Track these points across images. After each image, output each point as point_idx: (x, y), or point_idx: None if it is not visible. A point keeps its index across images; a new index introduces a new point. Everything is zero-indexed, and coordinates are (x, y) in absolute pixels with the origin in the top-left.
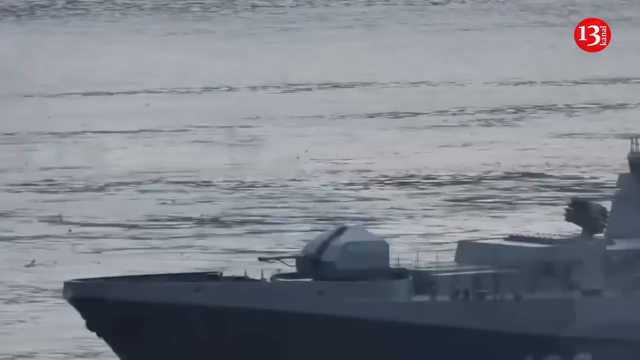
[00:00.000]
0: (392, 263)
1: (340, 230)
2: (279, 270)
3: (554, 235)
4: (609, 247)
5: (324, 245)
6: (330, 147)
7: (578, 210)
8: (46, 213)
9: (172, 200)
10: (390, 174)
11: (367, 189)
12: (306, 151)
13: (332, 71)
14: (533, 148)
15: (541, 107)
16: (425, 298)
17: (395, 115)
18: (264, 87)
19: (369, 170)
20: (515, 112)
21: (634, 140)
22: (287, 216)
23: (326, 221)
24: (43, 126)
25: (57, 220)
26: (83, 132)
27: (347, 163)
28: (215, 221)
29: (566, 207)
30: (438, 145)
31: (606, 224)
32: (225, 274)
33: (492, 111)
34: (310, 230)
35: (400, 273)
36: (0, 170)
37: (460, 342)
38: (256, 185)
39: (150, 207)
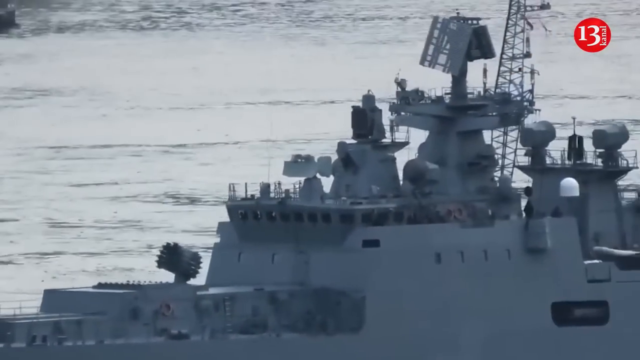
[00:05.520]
0: None
1: None
2: None
3: (145, 281)
4: (199, 292)
5: None
6: None
7: (169, 256)
8: None
9: None
10: None
11: None
12: None
13: None
14: None
15: None
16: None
17: None
18: None
19: None
20: None
21: (231, 186)
22: None
23: None
24: None
25: None
26: None
27: None
28: None
29: (158, 253)
30: None
31: (199, 270)
32: None
33: None
34: None
35: None
36: None
37: None
38: None
39: None
